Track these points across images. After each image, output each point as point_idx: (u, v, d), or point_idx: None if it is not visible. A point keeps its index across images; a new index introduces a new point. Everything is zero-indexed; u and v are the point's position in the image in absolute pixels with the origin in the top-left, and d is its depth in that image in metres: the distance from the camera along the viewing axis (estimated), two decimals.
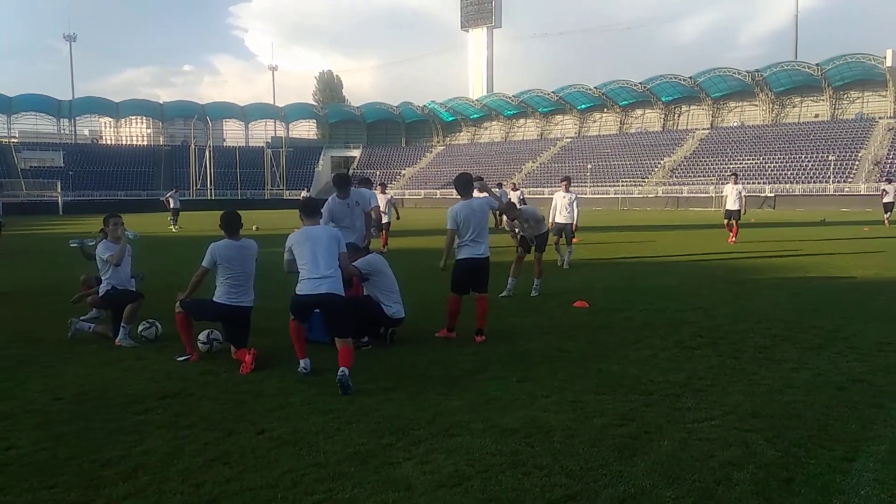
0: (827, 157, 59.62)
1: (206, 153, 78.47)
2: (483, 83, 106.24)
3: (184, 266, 12.54)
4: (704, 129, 77.32)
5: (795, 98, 76.23)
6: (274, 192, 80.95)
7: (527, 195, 26.91)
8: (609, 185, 68.69)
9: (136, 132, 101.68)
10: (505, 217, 12.08)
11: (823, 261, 14.67)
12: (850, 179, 57.39)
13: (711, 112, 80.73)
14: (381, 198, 16.05)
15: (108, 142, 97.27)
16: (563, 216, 14.22)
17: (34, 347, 7.30)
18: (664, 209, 57.41)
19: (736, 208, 19.14)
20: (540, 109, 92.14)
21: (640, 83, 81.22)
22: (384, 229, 17.75)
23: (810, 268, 13.54)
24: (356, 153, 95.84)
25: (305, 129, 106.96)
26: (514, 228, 11.18)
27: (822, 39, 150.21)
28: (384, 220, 17.44)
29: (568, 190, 14.37)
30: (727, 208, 19.54)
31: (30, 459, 4.24)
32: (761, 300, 9.93)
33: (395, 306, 7.36)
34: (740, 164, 64.29)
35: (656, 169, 70.29)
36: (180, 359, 6.64)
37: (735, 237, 19.24)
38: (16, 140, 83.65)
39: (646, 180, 68.52)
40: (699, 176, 63.86)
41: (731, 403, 5.14)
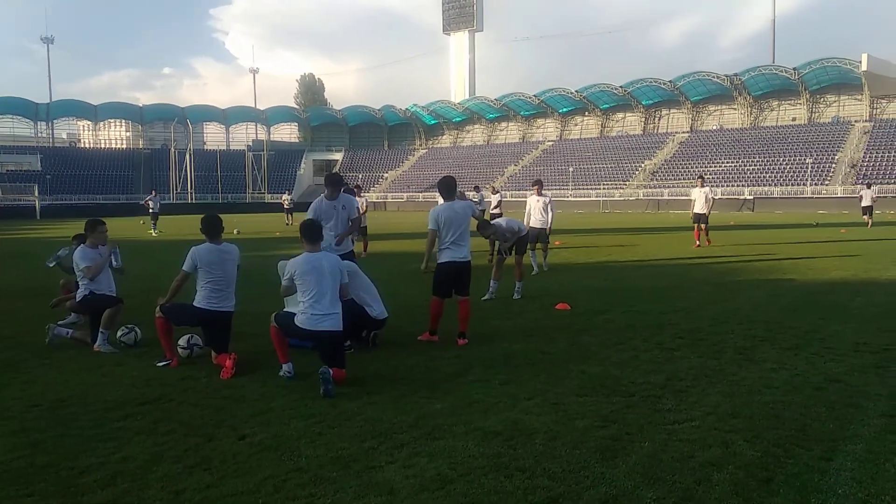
0: (804, 159, 60.37)
1: (187, 156, 77.85)
2: (465, 86, 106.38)
3: (164, 270, 12.43)
4: (684, 132, 77.96)
5: (773, 102, 77.10)
6: (255, 196, 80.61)
7: (508, 198, 26.94)
8: (590, 188, 69.09)
9: (115, 135, 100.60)
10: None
11: (802, 263, 14.85)
12: (827, 182, 58.15)
13: (691, 115, 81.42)
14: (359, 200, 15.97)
15: (87, 145, 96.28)
16: (537, 220, 13.87)
17: (12, 352, 7.20)
18: (645, 212, 57.83)
19: (703, 212, 19.10)
20: (522, 113, 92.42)
21: (620, 87, 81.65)
22: (363, 234, 17.66)
23: (789, 270, 13.71)
24: (338, 156, 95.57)
25: (287, 133, 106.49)
26: (494, 240, 11.04)
27: (800, 43, 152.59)
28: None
29: (541, 193, 14.13)
30: (695, 212, 19.47)
31: (6, 467, 4.18)
32: (741, 301, 10.03)
33: (377, 306, 7.40)
34: (719, 166, 65.01)
35: (637, 172, 70.79)
36: (160, 364, 6.58)
37: (705, 240, 19.06)
38: None
39: (627, 183, 69.00)
40: (679, 179, 64.29)
41: (710, 404, 5.19)
